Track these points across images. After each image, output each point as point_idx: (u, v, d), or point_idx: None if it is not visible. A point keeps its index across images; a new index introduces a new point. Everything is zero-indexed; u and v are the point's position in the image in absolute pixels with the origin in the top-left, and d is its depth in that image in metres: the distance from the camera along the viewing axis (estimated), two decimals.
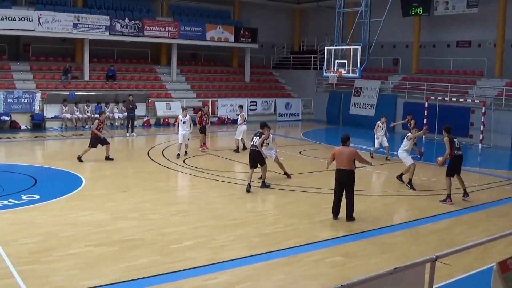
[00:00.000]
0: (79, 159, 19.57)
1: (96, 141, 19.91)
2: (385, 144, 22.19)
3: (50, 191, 14.94)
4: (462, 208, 14.53)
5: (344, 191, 12.78)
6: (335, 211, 12.87)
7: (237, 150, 22.85)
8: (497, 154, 26.44)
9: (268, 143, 17.07)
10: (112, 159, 20.02)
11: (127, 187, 15.91)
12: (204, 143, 23.45)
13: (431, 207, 14.62)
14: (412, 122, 21.60)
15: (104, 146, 20.10)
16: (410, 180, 16.91)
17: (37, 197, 14.09)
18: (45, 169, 18.43)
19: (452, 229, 12.57)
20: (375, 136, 22.46)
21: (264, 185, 16.12)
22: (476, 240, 9.22)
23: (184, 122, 21.37)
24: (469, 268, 9.79)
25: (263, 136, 15.94)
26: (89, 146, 19.86)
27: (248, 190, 15.52)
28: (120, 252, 10.19)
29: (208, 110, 25.61)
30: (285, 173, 17.81)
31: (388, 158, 21.97)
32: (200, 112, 23.66)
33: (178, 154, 21.14)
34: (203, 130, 23.29)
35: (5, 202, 13.39)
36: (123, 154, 22.30)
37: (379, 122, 22.42)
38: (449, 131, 15.52)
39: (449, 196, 15.05)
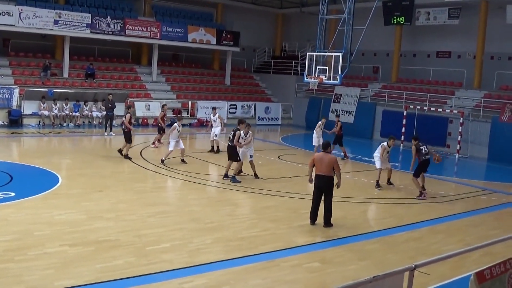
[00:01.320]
0: (126, 156, 20.24)
1: (130, 135, 20.42)
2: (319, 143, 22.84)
3: (26, 188, 14.75)
4: (438, 217, 14.63)
5: (323, 197, 12.79)
6: (313, 217, 12.88)
7: (211, 150, 23.33)
8: (473, 164, 26.70)
9: (249, 141, 17.80)
10: (130, 158, 20.28)
11: (104, 187, 15.76)
12: (159, 140, 24.57)
13: (408, 215, 14.72)
14: (339, 124, 24.06)
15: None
16: (377, 181, 18.29)
17: (12, 194, 13.90)
18: (21, 166, 18.19)
19: (428, 238, 12.63)
20: (315, 135, 23.48)
21: (233, 179, 17.06)
22: (453, 249, 9.30)
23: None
24: (445, 277, 9.83)
25: (237, 133, 16.43)
26: (127, 143, 20.39)
27: (224, 178, 17.05)
28: (95, 252, 10.08)
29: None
30: (255, 174, 18.12)
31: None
32: (162, 112, 24.78)
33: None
34: (162, 130, 24.35)
35: None
36: (101, 153, 22.08)
37: (320, 122, 23.75)
38: (417, 140, 17.15)
39: (421, 192, 16.84)
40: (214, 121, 23.71)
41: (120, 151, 20.35)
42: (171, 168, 19.02)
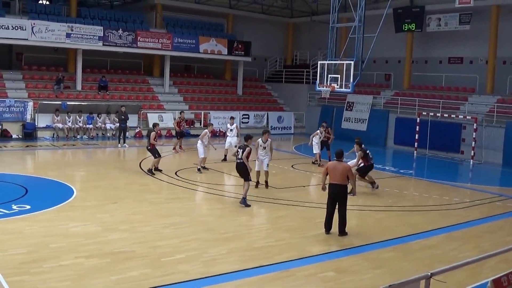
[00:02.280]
0: (156, 169, 20.21)
1: (155, 150, 20.35)
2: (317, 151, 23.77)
3: (41, 201, 14.82)
4: (454, 224, 14.53)
5: (337, 206, 12.76)
6: (328, 226, 12.84)
7: (225, 160, 23.73)
8: (488, 170, 26.51)
9: (265, 147, 17.61)
10: (160, 170, 20.35)
11: (119, 198, 15.81)
12: (180, 146, 26.11)
13: (423, 222, 14.62)
14: (329, 130, 24.81)
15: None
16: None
17: (28, 207, 13.99)
18: (36, 179, 18.31)
19: (444, 245, 12.56)
20: (313, 142, 23.77)
21: (243, 202, 15.46)
22: (469, 257, 9.24)
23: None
24: (462, 284, 9.75)
25: (247, 149, 15.50)
26: (156, 157, 20.30)
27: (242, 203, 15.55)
28: (111, 264, 10.11)
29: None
30: (266, 183, 18.02)
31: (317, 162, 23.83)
32: (178, 117, 26.45)
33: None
34: (180, 135, 26.31)
35: None
36: (115, 165, 22.18)
37: (318, 131, 24.22)
38: (361, 144, 17.88)
39: (372, 183, 18.42)
40: (231, 130, 23.95)
41: (150, 170, 20.11)
42: (184, 179, 19.06)
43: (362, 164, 18.23)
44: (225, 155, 23.77)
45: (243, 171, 15.61)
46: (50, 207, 14.15)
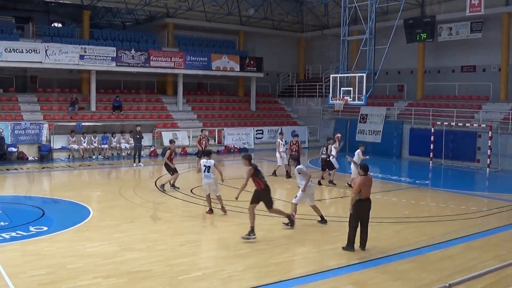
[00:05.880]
0: (173, 186, 20.24)
1: (170, 167, 20.35)
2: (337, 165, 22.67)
3: (58, 222, 14.91)
4: (472, 234, 14.39)
5: (360, 221, 12.52)
6: (353, 242, 12.57)
7: (288, 176, 23.54)
8: (505, 178, 26.29)
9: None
10: (177, 188, 20.36)
11: (135, 217, 15.85)
12: None
13: (441, 233, 14.49)
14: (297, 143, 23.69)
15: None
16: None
17: (45, 228, 14.06)
18: (53, 200, 18.43)
19: (463, 255, 12.43)
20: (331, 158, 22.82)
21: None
22: (489, 266, 9.14)
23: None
24: None
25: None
26: (172, 174, 20.32)
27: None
28: (128, 283, 10.10)
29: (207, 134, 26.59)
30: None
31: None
32: (199, 136, 25.33)
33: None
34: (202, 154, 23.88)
35: (13, 233, 13.34)
36: (130, 184, 22.25)
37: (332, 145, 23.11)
38: (250, 159, 14.12)
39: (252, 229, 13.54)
40: (284, 145, 24.26)
41: (162, 186, 20.13)
42: (200, 196, 19.03)
43: None
44: (287, 171, 23.81)
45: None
46: (67, 228, 14.21)
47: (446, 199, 19.58)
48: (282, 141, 24.69)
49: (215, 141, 34.87)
